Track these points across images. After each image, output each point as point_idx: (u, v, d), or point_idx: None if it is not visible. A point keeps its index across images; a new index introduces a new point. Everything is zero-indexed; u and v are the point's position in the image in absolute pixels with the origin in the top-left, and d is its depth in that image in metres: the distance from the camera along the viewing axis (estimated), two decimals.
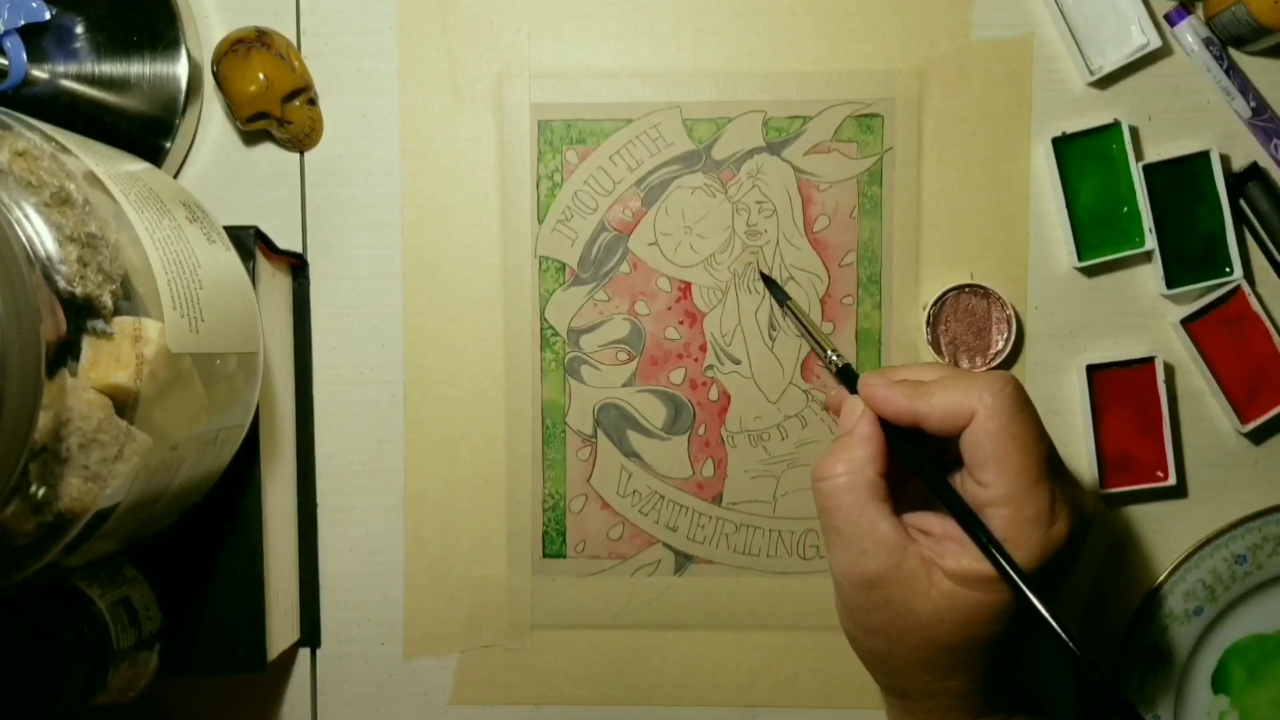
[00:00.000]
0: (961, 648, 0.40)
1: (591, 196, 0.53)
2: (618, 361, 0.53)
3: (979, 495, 0.39)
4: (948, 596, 0.39)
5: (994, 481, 0.39)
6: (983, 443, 0.39)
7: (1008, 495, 0.38)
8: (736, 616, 0.54)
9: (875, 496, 0.40)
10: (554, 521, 0.53)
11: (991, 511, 0.39)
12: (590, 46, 0.53)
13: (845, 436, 0.42)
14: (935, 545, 0.40)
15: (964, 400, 0.39)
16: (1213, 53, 0.50)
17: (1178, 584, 0.52)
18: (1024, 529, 0.38)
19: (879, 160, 0.52)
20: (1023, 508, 0.38)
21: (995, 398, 0.39)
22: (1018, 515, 0.38)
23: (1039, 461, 0.39)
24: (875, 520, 0.40)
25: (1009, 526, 0.38)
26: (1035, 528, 0.38)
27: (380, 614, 0.54)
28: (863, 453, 0.41)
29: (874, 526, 0.40)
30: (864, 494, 0.40)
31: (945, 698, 0.41)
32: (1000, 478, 0.38)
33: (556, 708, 0.54)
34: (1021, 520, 0.38)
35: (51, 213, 0.33)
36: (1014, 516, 0.38)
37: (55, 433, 0.32)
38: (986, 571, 0.38)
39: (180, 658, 0.47)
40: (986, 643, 0.39)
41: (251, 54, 0.49)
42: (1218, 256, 0.51)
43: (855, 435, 0.41)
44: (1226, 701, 0.53)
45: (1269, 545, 0.52)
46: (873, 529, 0.40)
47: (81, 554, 0.36)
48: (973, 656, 0.40)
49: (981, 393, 0.39)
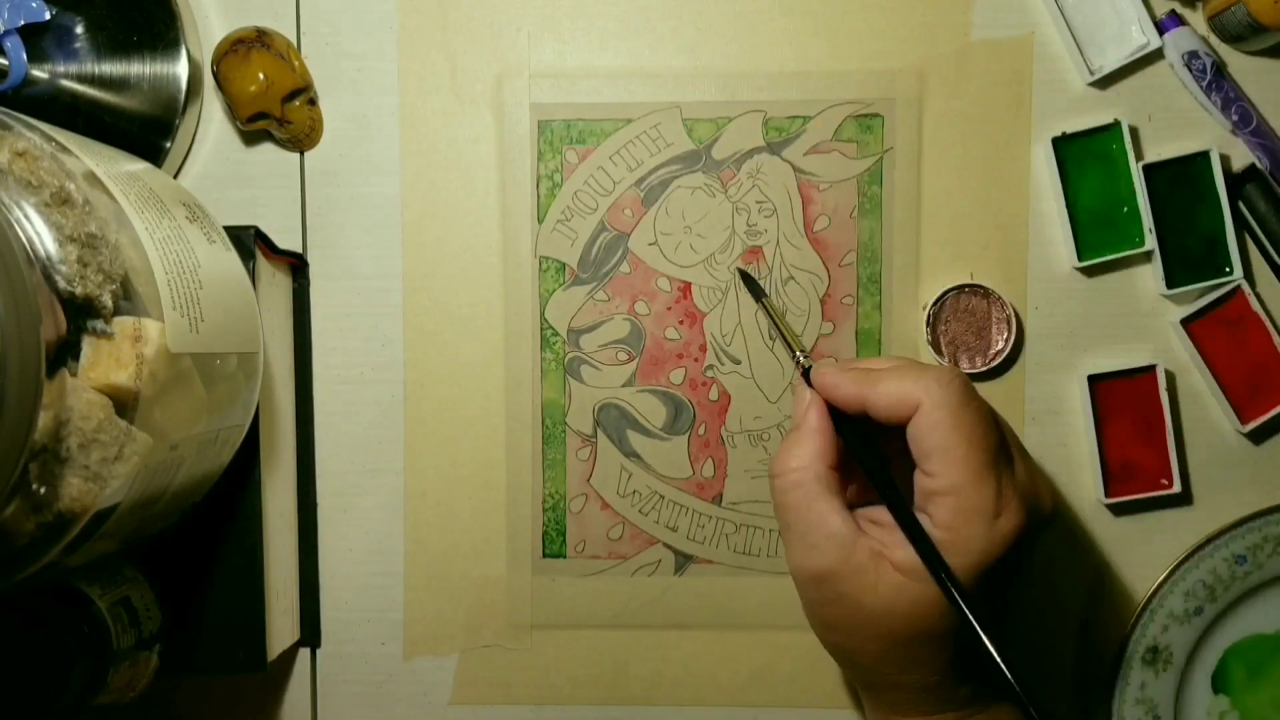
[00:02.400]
0: (915, 640, 0.40)
1: (591, 196, 0.53)
2: (618, 361, 0.53)
3: (925, 485, 0.39)
4: (896, 589, 0.39)
5: (939, 470, 0.39)
6: (926, 433, 0.39)
7: (952, 485, 0.38)
8: (736, 616, 0.54)
9: (825, 490, 0.41)
10: (554, 521, 0.53)
11: (938, 500, 0.39)
12: (590, 46, 0.53)
13: (795, 431, 0.42)
14: (885, 536, 0.40)
15: (911, 390, 0.39)
16: (1195, 68, 0.50)
17: (1178, 584, 0.52)
18: (968, 520, 0.38)
19: (879, 160, 0.52)
20: (967, 499, 0.38)
21: (943, 390, 0.39)
22: (961, 506, 0.38)
23: (985, 452, 0.39)
24: (824, 515, 0.40)
25: (953, 517, 0.38)
26: (980, 520, 0.38)
27: (380, 614, 0.54)
28: (812, 447, 0.41)
29: (823, 521, 0.40)
30: (813, 489, 0.40)
31: (908, 690, 0.41)
32: (945, 467, 0.39)
33: (556, 708, 0.54)
34: (965, 512, 0.38)
35: (51, 213, 0.33)
36: (958, 507, 0.38)
37: (55, 433, 0.32)
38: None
39: (180, 658, 0.47)
40: (939, 636, 0.39)
41: (251, 54, 0.49)
42: (1218, 256, 0.51)
43: (804, 429, 0.42)
44: (1226, 701, 0.53)
45: (1269, 545, 0.52)
46: (822, 523, 0.40)
47: (81, 554, 0.36)
48: (929, 649, 0.40)
49: (929, 384, 0.39)
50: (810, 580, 0.41)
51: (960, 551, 0.38)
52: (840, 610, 0.40)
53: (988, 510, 0.38)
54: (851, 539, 0.40)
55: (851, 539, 0.40)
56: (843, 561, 0.39)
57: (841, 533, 0.40)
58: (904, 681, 0.41)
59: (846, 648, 0.42)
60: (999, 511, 0.39)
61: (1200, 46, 0.50)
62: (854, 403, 0.41)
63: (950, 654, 0.40)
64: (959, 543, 0.38)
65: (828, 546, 0.40)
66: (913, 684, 0.41)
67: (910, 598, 0.39)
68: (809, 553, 0.40)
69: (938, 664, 0.40)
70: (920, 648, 0.40)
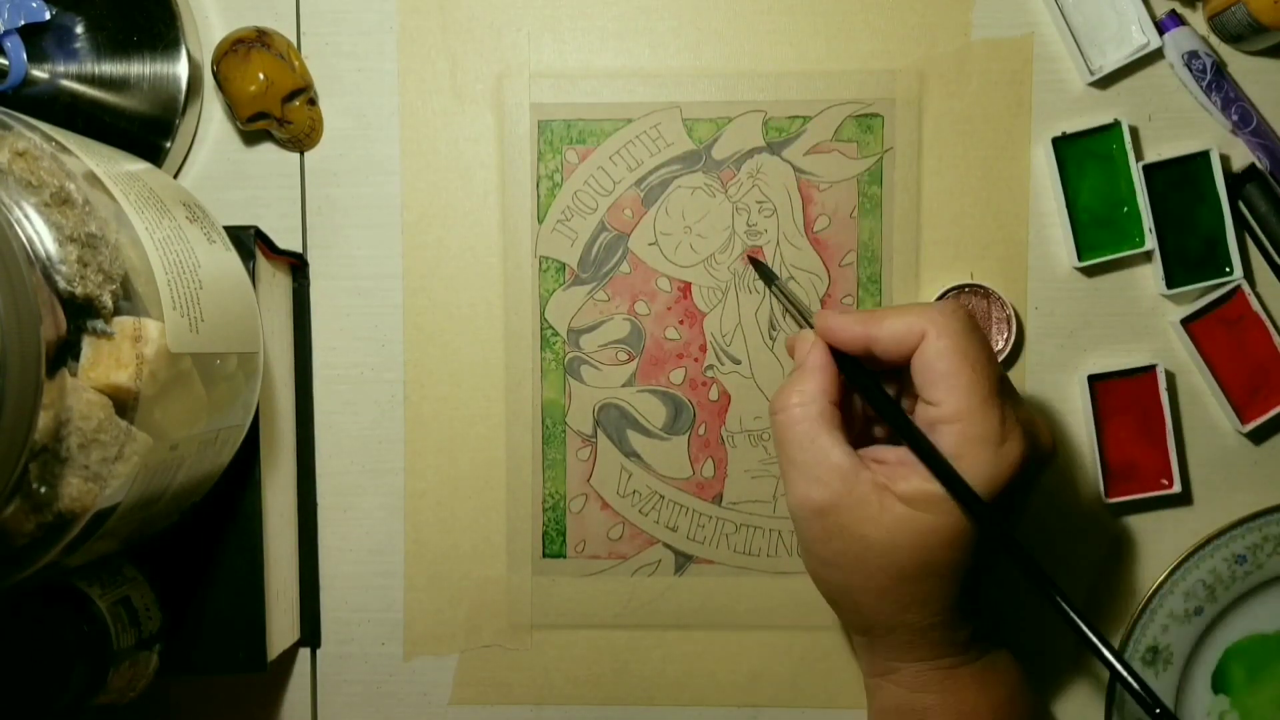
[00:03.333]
0: (916, 575, 0.39)
1: (591, 196, 0.53)
2: (618, 361, 0.53)
3: (929, 414, 0.39)
4: (900, 520, 0.39)
5: (944, 398, 0.39)
6: (933, 361, 0.39)
7: (957, 412, 0.39)
8: (736, 616, 0.54)
9: (828, 425, 0.41)
10: (554, 521, 0.53)
11: (942, 429, 0.39)
12: (590, 46, 0.53)
13: (798, 369, 0.42)
14: (889, 471, 0.40)
15: (914, 322, 0.40)
16: (1195, 68, 0.50)
17: (1178, 584, 0.52)
18: (974, 446, 0.38)
19: (879, 160, 0.52)
20: (973, 425, 0.38)
21: (946, 318, 0.39)
22: (967, 431, 0.38)
23: (989, 379, 0.39)
24: (827, 448, 0.40)
25: (959, 443, 0.39)
26: (985, 445, 0.38)
27: (380, 614, 0.54)
28: (814, 384, 0.41)
29: (825, 454, 0.40)
30: (816, 424, 0.40)
31: (906, 632, 0.41)
32: (950, 394, 0.39)
33: (556, 708, 0.54)
34: (971, 437, 0.38)
35: (51, 213, 0.33)
36: (964, 433, 0.39)
37: (55, 433, 0.32)
38: (938, 491, 0.39)
39: (180, 658, 0.47)
40: (942, 571, 0.39)
41: (252, 54, 0.49)
42: (1218, 256, 0.51)
43: (806, 367, 0.42)
44: (1226, 701, 0.53)
45: (1269, 545, 0.52)
46: (824, 457, 0.40)
47: (81, 554, 0.36)
48: (929, 585, 0.40)
49: (933, 315, 0.40)
50: (812, 514, 0.40)
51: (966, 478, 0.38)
52: (842, 544, 0.40)
53: (993, 436, 0.38)
54: (854, 471, 0.40)
55: (854, 471, 0.40)
56: (846, 493, 0.39)
57: (844, 464, 0.40)
58: (903, 622, 0.41)
59: (846, 585, 0.41)
60: (1004, 438, 0.39)
61: (1200, 46, 0.50)
62: (859, 341, 0.41)
63: (952, 593, 0.40)
64: (965, 469, 0.38)
65: (830, 478, 0.40)
66: (912, 624, 0.41)
67: (915, 528, 0.39)
68: (811, 485, 0.40)
69: (939, 603, 0.40)
70: (922, 583, 0.40)
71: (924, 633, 0.41)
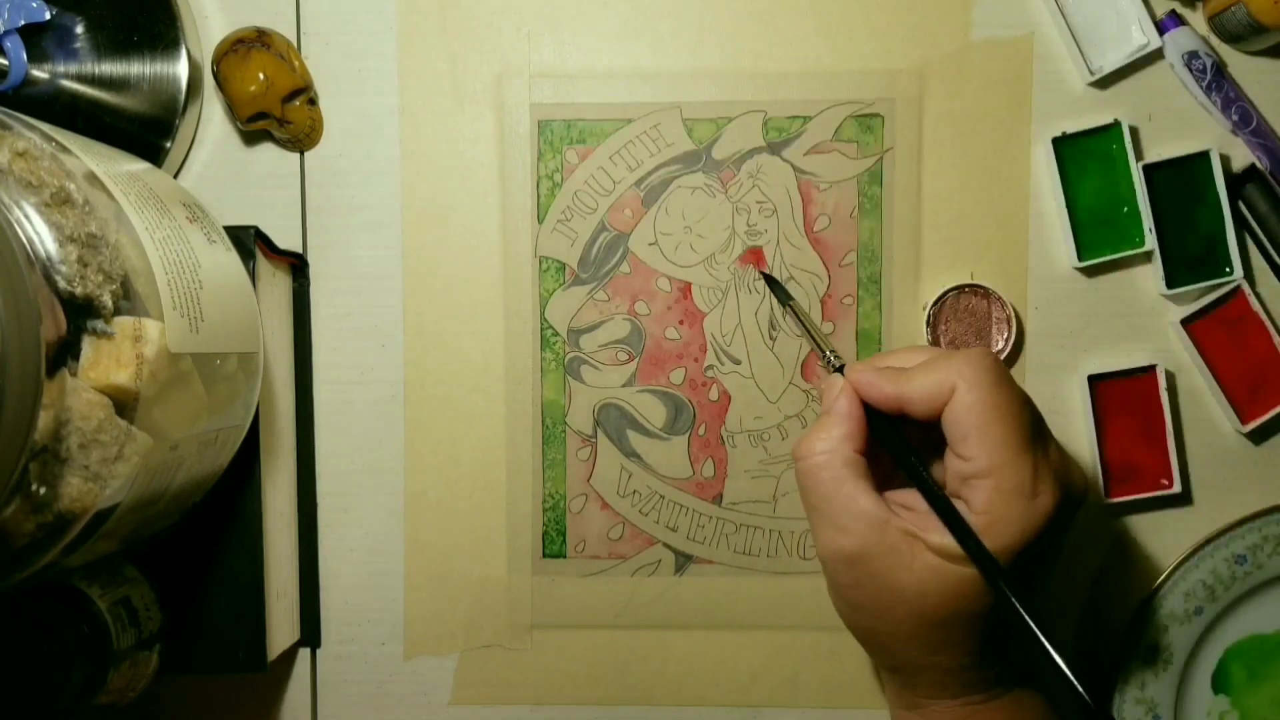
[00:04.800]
0: (948, 622, 0.39)
1: (591, 196, 0.53)
2: (618, 361, 0.53)
3: (962, 469, 0.39)
4: (931, 570, 0.39)
5: (975, 454, 0.38)
6: (963, 416, 0.39)
7: (990, 467, 0.38)
8: (736, 616, 0.54)
9: (854, 473, 0.40)
10: (554, 521, 0.53)
11: (975, 484, 0.39)
12: (590, 46, 0.53)
13: (825, 415, 0.42)
14: (919, 520, 0.40)
15: (944, 379, 0.39)
16: (1195, 68, 0.50)
17: (1178, 584, 0.52)
18: (1007, 500, 0.38)
19: (879, 160, 0.52)
20: (1005, 479, 0.38)
21: (975, 371, 0.39)
22: (1000, 487, 0.38)
23: (1020, 431, 0.39)
24: (854, 496, 0.40)
25: (991, 499, 0.38)
26: (1018, 499, 0.38)
27: (380, 614, 0.54)
28: (840, 430, 0.41)
29: (853, 502, 0.40)
30: (841, 471, 0.40)
31: (935, 672, 0.41)
32: (981, 449, 0.38)
33: (556, 708, 0.54)
34: (1004, 492, 0.38)
35: (51, 213, 0.33)
36: (996, 488, 0.38)
37: (55, 433, 0.32)
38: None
39: (180, 658, 0.47)
40: (972, 618, 0.39)
41: (252, 54, 0.49)
42: (1218, 256, 0.51)
43: (834, 414, 0.42)
44: (1226, 701, 0.53)
45: (1269, 545, 0.52)
46: (851, 504, 0.40)
47: (81, 554, 0.36)
48: (960, 631, 0.40)
49: (961, 368, 0.39)
50: (842, 563, 0.40)
51: (998, 533, 0.38)
52: (870, 591, 0.40)
53: (1025, 490, 0.38)
54: (883, 519, 0.39)
55: (883, 519, 0.39)
56: (876, 542, 0.39)
57: (873, 513, 0.39)
58: (932, 663, 0.41)
59: (876, 630, 0.41)
60: (1036, 492, 0.38)
61: (1200, 46, 0.50)
62: (891, 402, 0.41)
63: (981, 635, 0.40)
64: (997, 524, 0.38)
65: (858, 528, 0.39)
66: (941, 665, 0.41)
67: (947, 580, 0.39)
68: (839, 535, 0.40)
69: (968, 645, 0.40)
70: (952, 629, 0.40)
71: (953, 673, 0.41)
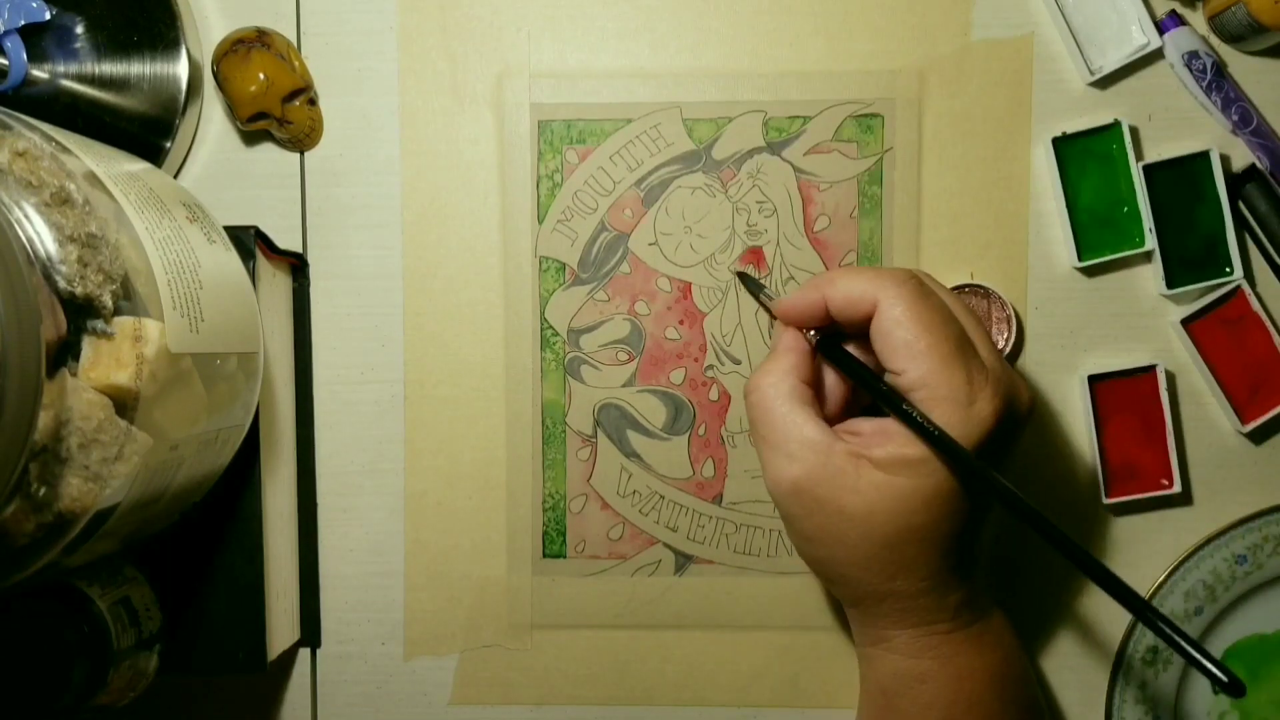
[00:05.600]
0: (898, 541, 0.40)
1: (591, 196, 0.53)
2: (618, 361, 0.53)
3: (895, 384, 0.40)
4: (877, 487, 0.39)
5: (905, 366, 0.39)
6: (890, 329, 0.39)
7: (920, 378, 0.39)
8: (736, 616, 0.54)
9: (799, 402, 0.41)
10: (554, 521, 0.53)
11: (909, 397, 0.39)
12: (590, 46, 0.53)
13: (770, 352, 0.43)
14: (863, 441, 0.40)
15: (867, 289, 0.40)
16: (1195, 68, 0.50)
17: (1178, 584, 0.52)
18: (941, 408, 0.39)
19: (879, 160, 0.52)
20: (937, 388, 0.39)
21: (897, 286, 0.40)
22: (933, 395, 0.39)
23: (948, 340, 0.39)
24: (799, 423, 0.40)
25: (927, 409, 0.39)
26: (953, 407, 0.39)
27: (380, 614, 0.54)
28: (785, 362, 0.42)
29: (798, 429, 0.40)
30: (787, 401, 0.41)
31: (896, 600, 0.41)
32: (911, 361, 0.39)
33: (556, 708, 0.54)
34: (938, 400, 0.39)
35: (51, 213, 0.33)
36: (930, 398, 0.39)
37: (55, 433, 0.32)
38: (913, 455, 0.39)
39: (180, 658, 0.47)
40: (924, 534, 0.40)
41: (252, 54, 0.49)
42: (1218, 256, 0.51)
43: (778, 349, 0.43)
44: (1227, 701, 0.53)
45: (1269, 545, 0.52)
46: (796, 432, 0.40)
47: (81, 554, 0.36)
48: (913, 550, 0.40)
49: (884, 283, 0.40)
50: (790, 491, 0.41)
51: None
52: (822, 518, 0.40)
53: (960, 398, 0.39)
54: (828, 444, 0.40)
55: (828, 444, 0.40)
56: (821, 465, 0.40)
57: (817, 438, 0.40)
58: (892, 590, 0.41)
59: (831, 558, 0.42)
60: (973, 398, 0.39)
61: (1200, 46, 0.50)
62: (814, 305, 0.42)
63: (937, 557, 0.40)
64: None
65: (804, 453, 0.40)
66: (901, 592, 0.41)
67: (893, 493, 0.39)
68: (786, 462, 0.40)
69: (925, 568, 0.40)
70: (905, 546, 0.40)
71: (914, 599, 0.41)
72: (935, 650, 0.42)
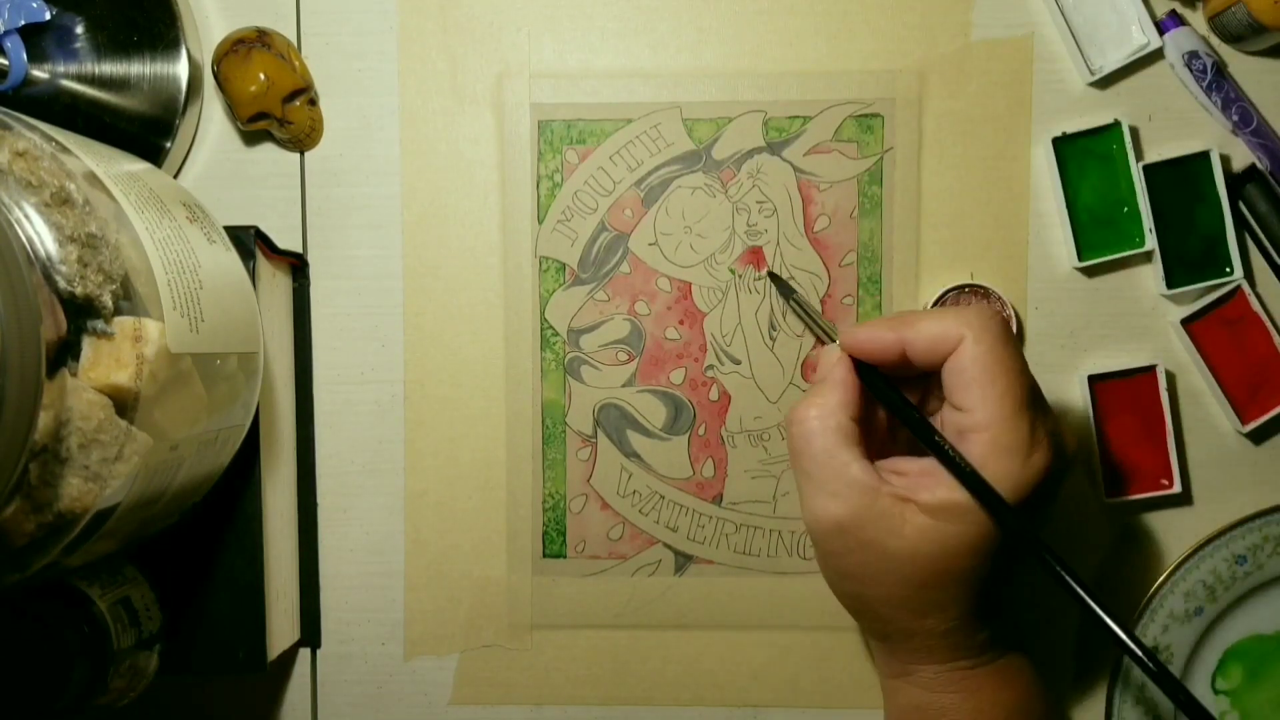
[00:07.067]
0: (936, 584, 0.39)
1: (591, 196, 0.53)
2: (618, 361, 0.53)
3: (958, 422, 0.39)
4: (921, 531, 0.39)
5: (976, 406, 0.38)
6: (968, 366, 0.39)
7: (988, 420, 0.38)
8: (736, 616, 0.54)
9: (846, 440, 0.40)
10: (554, 521, 0.53)
11: (971, 437, 0.39)
12: (590, 46, 0.53)
13: (819, 383, 0.42)
14: (909, 484, 0.40)
15: (951, 327, 0.39)
16: (1195, 68, 0.50)
17: (1178, 584, 0.52)
18: (1001, 456, 0.38)
19: (879, 160, 0.52)
20: (1002, 435, 0.38)
21: (984, 323, 0.39)
22: (997, 442, 0.38)
23: (1022, 390, 0.39)
24: (845, 463, 0.40)
25: (986, 453, 0.38)
26: (1013, 456, 0.38)
27: (380, 614, 0.54)
28: (835, 398, 0.41)
29: (844, 469, 0.39)
30: (833, 437, 0.40)
31: (925, 637, 0.41)
32: (983, 402, 0.38)
33: (556, 708, 0.54)
34: (1000, 447, 0.38)
35: (51, 213, 0.33)
36: (993, 443, 0.38)
37: (55, 433, 0.32)
38: (961, 501, 0.38)
39: (180, 658, 0.47)
40: (961, 578, 0.39)
41: (252, 54, 0.49)
42: (1218, 256, 0.51)
43: (829, 381, 0.41)
44: (1227, 701, 0.53)
45: (1269, 545, 0.52)
46: (843, 471, 0.39)
47: (81, 554, 0.36)
48: (949, 593, 0.40)
49: (971, 319, 0.39)
50: (831, 529, 0.40)
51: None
52: (861, 558, 0.40)
53: (1022, 447, 0.38)
54: (874, 486, 0.39)
55: (874, 486, 0.39)
56: (867, 508, 0.39)
57: (864, 480, 0.39)
58: (921, 628, 0.41)
59: (865, 596, 0.41)
60: (1032, 450, 0.38)
61: (1200, 46, 0.50)
62: (892, 347, 0.40)
63: (970, 598, 0.40)
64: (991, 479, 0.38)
65: (850, 494, 0.39)
66: (929, 630, 0.41)
67: (938, 538, 0.39)
68: (830, 501, 0.40)
69: (956, 609, 0.40)
70: (941, 591, 0.40)
71: (943, 636, 0.41)
72: (958, 685, 0.42)
